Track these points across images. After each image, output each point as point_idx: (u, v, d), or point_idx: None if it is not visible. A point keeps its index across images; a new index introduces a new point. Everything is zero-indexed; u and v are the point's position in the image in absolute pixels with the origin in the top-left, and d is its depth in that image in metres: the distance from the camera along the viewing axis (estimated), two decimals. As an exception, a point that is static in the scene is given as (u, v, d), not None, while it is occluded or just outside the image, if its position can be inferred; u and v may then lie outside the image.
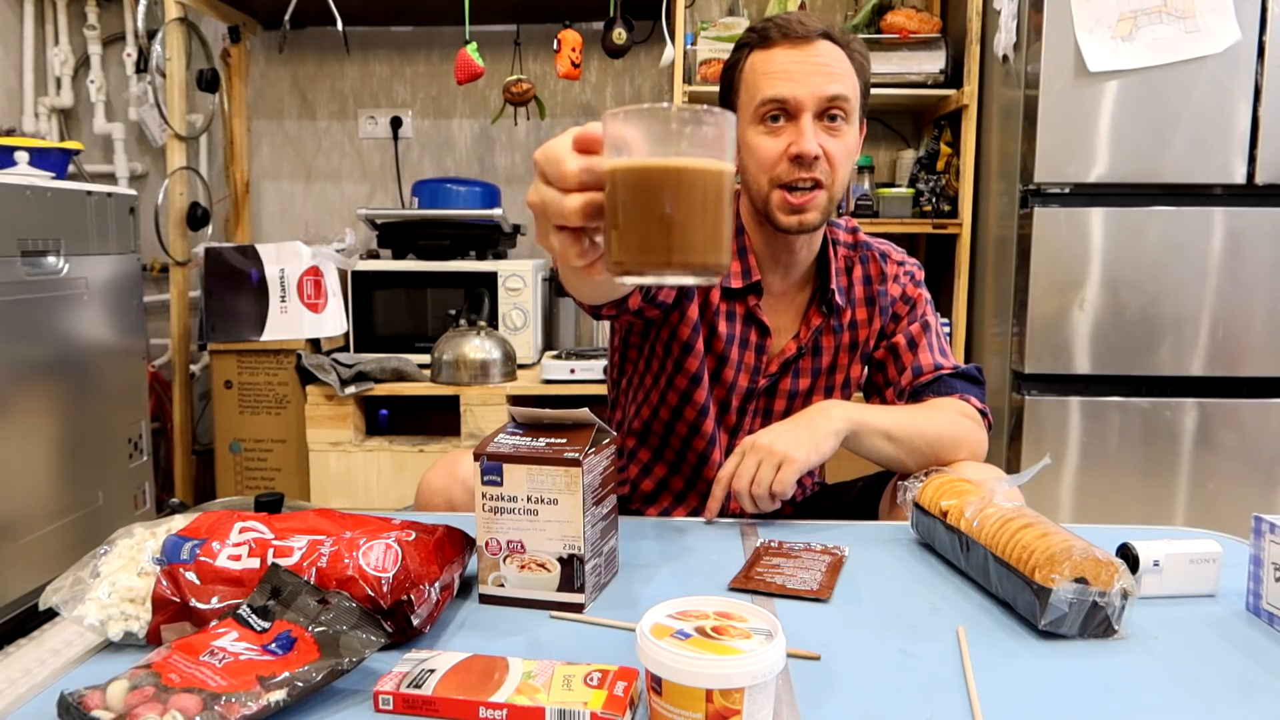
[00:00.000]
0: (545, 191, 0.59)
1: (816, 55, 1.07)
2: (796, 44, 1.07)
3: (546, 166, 0.59)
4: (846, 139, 1.09)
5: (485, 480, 0.81)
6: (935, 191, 2.49)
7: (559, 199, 0.58)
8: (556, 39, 2.42)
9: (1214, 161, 2.01)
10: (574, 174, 0.57)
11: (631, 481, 1.30)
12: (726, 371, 1.20)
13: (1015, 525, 0.81)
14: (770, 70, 1.08)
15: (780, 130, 1.08)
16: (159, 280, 2.89)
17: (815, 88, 1.06)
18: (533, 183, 0.61)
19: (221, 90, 2.75)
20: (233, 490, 2.43)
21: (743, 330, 1.20)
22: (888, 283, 1.23)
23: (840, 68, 1.08)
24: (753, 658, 0.57)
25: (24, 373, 1.77)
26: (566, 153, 0.58)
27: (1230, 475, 2.08)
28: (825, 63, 1.07)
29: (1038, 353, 2.09)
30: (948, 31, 2.49)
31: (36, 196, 1.80)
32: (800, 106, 1.06)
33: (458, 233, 2.53)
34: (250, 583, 0.72)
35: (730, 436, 1.24)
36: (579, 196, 0.57)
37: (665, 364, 1.21)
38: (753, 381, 1.21)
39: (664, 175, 0.53)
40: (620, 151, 0.54)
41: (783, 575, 0.88)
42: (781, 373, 1.22)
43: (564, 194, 0.58)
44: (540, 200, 0.59)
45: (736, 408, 1.22)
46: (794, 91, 1.06)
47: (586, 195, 0.57)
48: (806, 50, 1.07)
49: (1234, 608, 0.82)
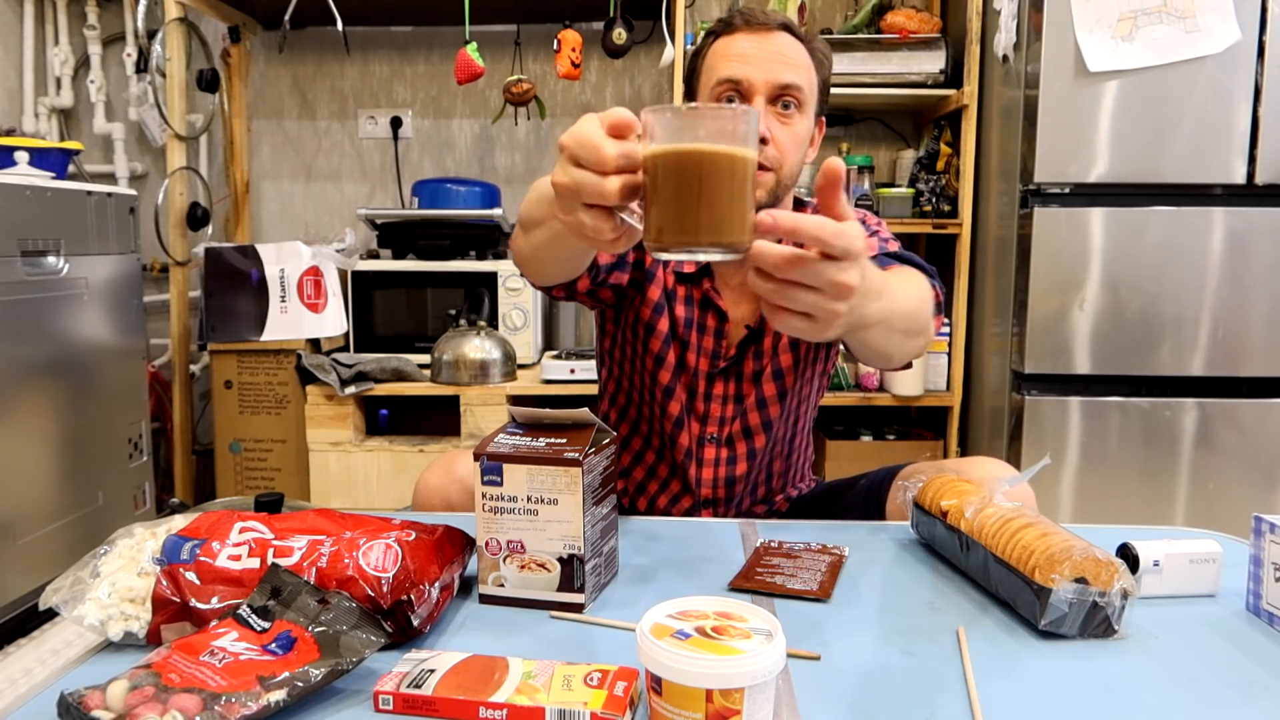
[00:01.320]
0: (578, 174, 0.63)
1: (774, 44, 1.11)
2: (756, 31, 1.12)
3: (580, 151, 0.63)
4: (797, 127, 1.12)
5: (485, 480, 0.81)
6: (935, 191, 2.49)
7: (597, 181, 0.62)
8: (556, 39, 2.42)
9: (1214, 161, 2.01)
10: (614, 158, 0.62)
11: (624, 470, 1.32)
12: (689, 356, 1.23)
13: (1015, 525, 0.81)
14: (729, 53, 1.11)
15: None
16: (159, 280, 2.89)
17: (769, 73, 1.09)
18: (558, 164, 0.66)
19: (221, 90, 2.75)
20: (233, 490, 2.43)
21: (700, 315, 1.22)
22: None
23: (798, 59, 1.11)
24: (753, 658, 0.57)
25: (24, 373, 1.77)
26: (603, 139, 0.62)
27: (1230, 475, 2.08)
28: (782, 51, 1.10)
29: (1038, 353, 2.09)
30: (948, 31, 2.49)
31: (36, 196, 1.80)
32: (753, 89, 1.09)
33: (458, 233, 2.53)
34: (250, 583, 0.72)
35: (701, 424, 1.25)
36: (618, 179, 0.62)
37: (635, 346, 1.25)
38: (713, 366, 1.23)
39: (699, 160, 0.60)
40: (657, 140, 0.61)
41: (783, 575, 0.88)
42: (740, 355, 1.23)
43: (602, 176, 0.62)
44: (573, 182, 0.63)
45: (702, 392, 1.24)
46: (748, 74, 1.09)
47: (624, 177, 0.62)
48: (765, 38, 1.11)
49: (1234, 608, 0.82)
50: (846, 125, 2.79)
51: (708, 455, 1.25)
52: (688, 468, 1.25)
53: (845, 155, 2.63)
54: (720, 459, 1.25)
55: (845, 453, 2.40)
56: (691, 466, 1.25)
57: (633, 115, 0.64)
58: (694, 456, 1.25)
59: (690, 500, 1.27)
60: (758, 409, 1.24)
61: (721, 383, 1.24)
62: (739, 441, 1.25)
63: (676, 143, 0.61)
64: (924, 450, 2.43)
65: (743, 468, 1.25)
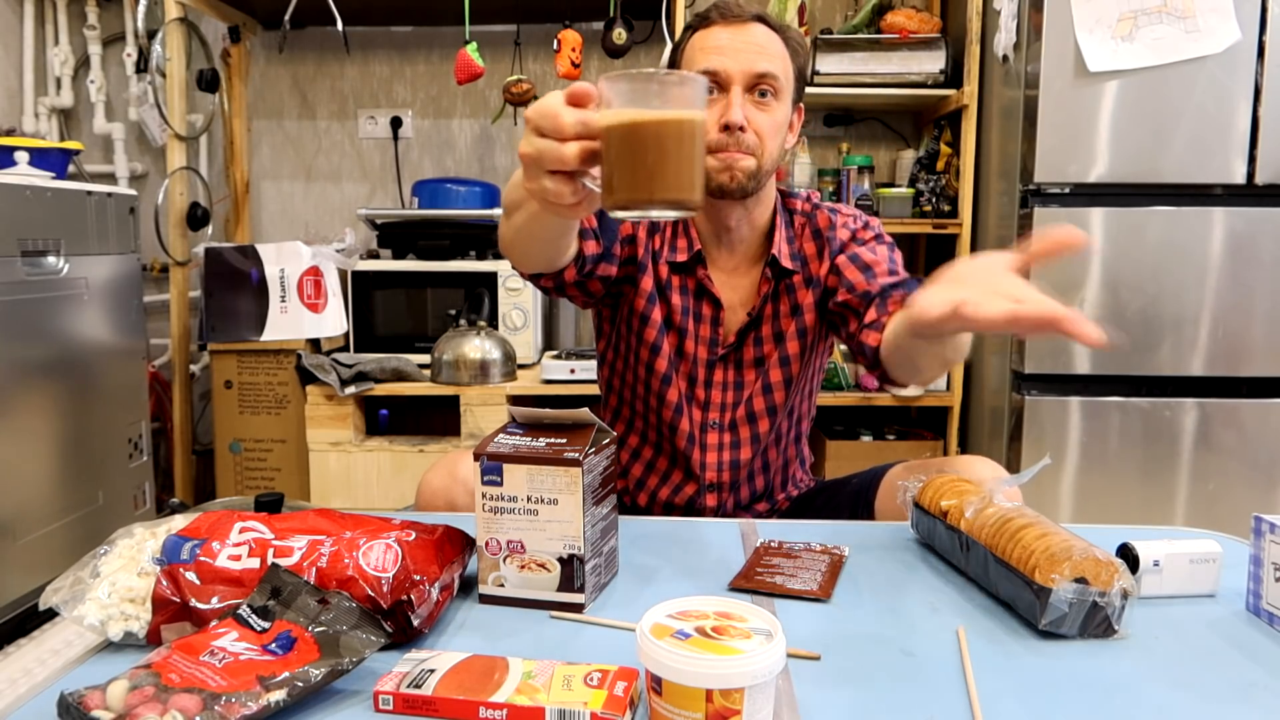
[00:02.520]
0: (540, 142, 0.68)
1: (749, 34, 1.15)
2: (731, 23, 1.15)
3: (541, 120, 0.67)
4: (775, 113, 1.15)
5: (485, 480, 0.81)
6: (935, 191, 2.49)
7: (556, 147, 0.67)
8: (556, 39, 2.42)
9: (1214, 161, 2.01)
10: (570, 125, 0.66)
11: (623, 468, 1.33)
12: (687, 344, 1.25)
13: (1015, 525, 0.81)
14: (706, 46, 1.15)
15: (713, 102, 1.14)
16: (159, 280, 2.89)
17: (745, 63, 1.13)
18: (524, 136, 0.70)
19: (221, 90, 2.75)
20: (233, 490, 2.43)
21: (695, 303, 1.24)
22: (836, 230, 1.26)
23: (772, 48, 1.15)
24: (753, 658, 0.57)
25: (24, 373, 1.77)
26: (561, 107, 0.67)
27: (1230, 475, 2.08)
28: (757, 42, 1.14)
29: (1038, 353, 2.09)
30: (948, 31, 2.49)
31: (36, 196, 1.80)
32: (730, 79, 1.12)
33: (458, 233, 2.53)
34: (250, 583, 0.72)
35: (703, 411, 1.26)
36: (576, 144, 0.67)
37: (629, 338, 1.27)
38: (711, 353, 1.25)
39: (650, 125, 0.65)
40: (613, 108, 0.66)
41: (783, 575, 0.88)
42: (740, 342, 1.25)
43: (561, 143, 0.67)
44: (535, 150, 0.68)
45: (703, 380, 1.26)
46: (724, 65, 1.12)
47: (582, 143, 0.67)
48: (740, 29, 1.15)
49: (1234, 608, 0.82)
50: (846, 125, 2.79)
51: (710, 440, 1.26)
52: (690, 454, 1.26)
53: (845, 155, 2.63)
54: (724, 443, 1.26)
55: (845, 453, 2.40)
56: (695, 452, 1.26)
57: (593, 86, 0.67)
58: (697, 442, 1.26)
59: (694, 486, 1.27)
60: (763, 394, 1.25)
61: (722, 369, 1.25)
62: (742, 426, 1.26)
63: (629, 108, 0.65)
64: (924, 450, 2.43)
65: (747, 453, 1.27)
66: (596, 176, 0.69)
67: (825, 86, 2.44)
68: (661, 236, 1.25)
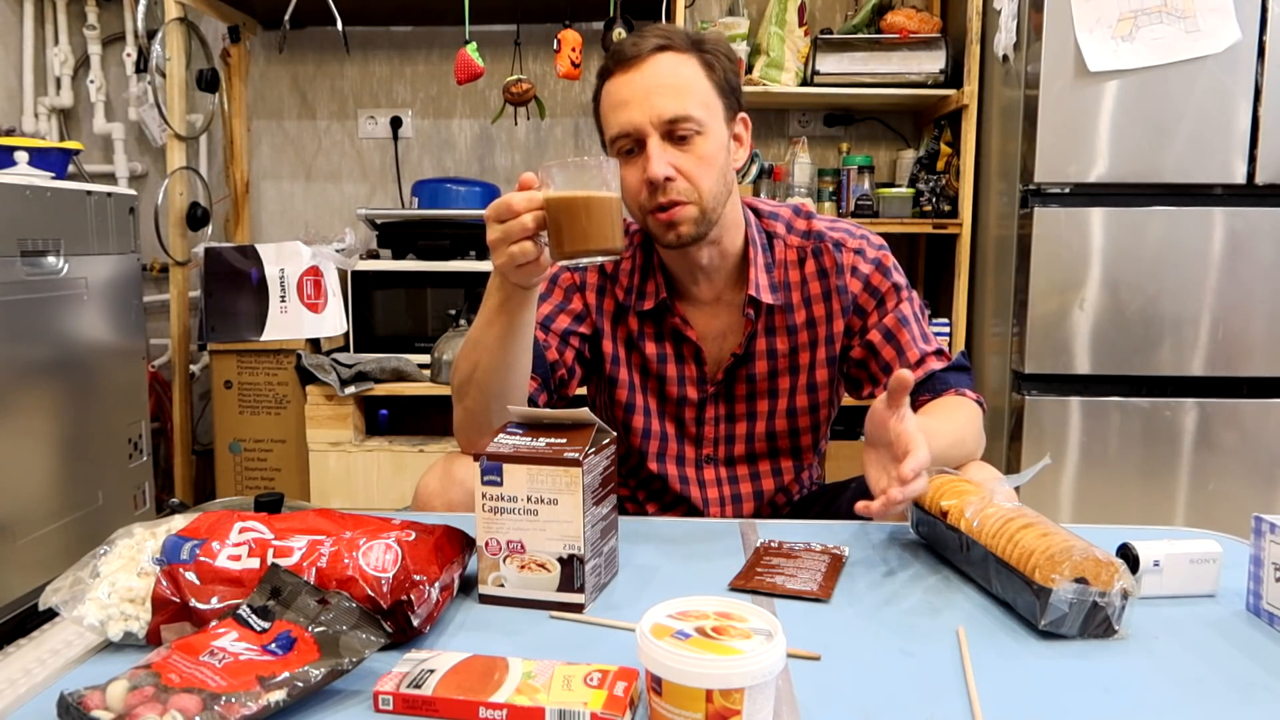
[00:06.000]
0: (502, 225, 0.93)
1: (654, 75, 1.07)
2: (629, 67, 1.08)
3: (496, 210, 0.93)
4: (703, 149, 1.08)
5: (485, 480, 0.81)
6: (935, 191, 2.49)
7: (516, 221, 0.92)
8: (556, 39, 2.42)
9: (1214, 161, 2.01)
10: (521, 202, 0.92)
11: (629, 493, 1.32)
12: (670, 389, 1.23)
13: (1015, 525, 0.81)
14: (613, 103, 1.09)
15: (636, 160, 1.09)
16: (159, 280, 2.89)
17: (653, 112, 1.06)
18: (487, 228, 0.94)
19: (221, 90, 2.75)
20: (233, 490, 2.43)
21: (673, 347, 1.22)
22: (845, 275, 1.20)
23: (678, 80, 1.07)
24: (753, 658, 0.57)
25: (24, 373, 1.77)
26: (512, 196, 0.92)
27: (1230, 475, 2.08)
28: (661, 82, 1.06)
29: (1038, 353, 2.09)
30: (948, 31, 2.49)
31: (36, 196, 1.80)
32: (643, 133, 1.06)
33: (458, 233, 2.53)
34: (250, 583, 0.72)
35: (695, 447, 1.25)
36: (529, 215, 0.92)
37: (600, 397, 1.29)
38: (701, 391, 1.23)
39: (578, 201, 0.92)
40: (552, 187, 0.92)
41: (783, 575, 0.88)
42: (730, 379, 1.22)
43: (517, 216, 0.92)
44: (503, 229, 0.93)
45: (693, 418, 1.24)
46: (632, 120, 1.07)
47: (534, 212, 0.92)
48: (640, 72, 1.07)
49: (1234, 608, 0.82)
50: (846, 125, 2.79)
51: (708, 476, 1.27)
52: (689, 493, 1.26)
53: (845, 155, 2.63)
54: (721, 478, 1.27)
55: (845, 453, 2.40)
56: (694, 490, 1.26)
57: (533, 175, 0.93)
58: (693, 481, 1.26)
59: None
60: (763, 434, 1.25)
61: (713, 406, 1.24)
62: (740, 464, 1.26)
63: (563, 189, 0.92)
64: (924, 450, 2.42)
65: (747, 488, 1.27)
66: (544, 238, 0.93)
67: (825, 86, 2.44)
68: (624, 288, 1.22)
